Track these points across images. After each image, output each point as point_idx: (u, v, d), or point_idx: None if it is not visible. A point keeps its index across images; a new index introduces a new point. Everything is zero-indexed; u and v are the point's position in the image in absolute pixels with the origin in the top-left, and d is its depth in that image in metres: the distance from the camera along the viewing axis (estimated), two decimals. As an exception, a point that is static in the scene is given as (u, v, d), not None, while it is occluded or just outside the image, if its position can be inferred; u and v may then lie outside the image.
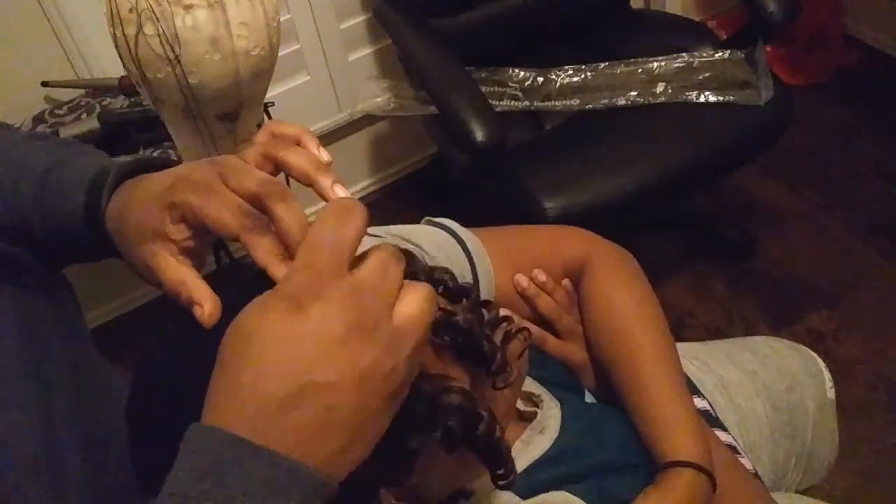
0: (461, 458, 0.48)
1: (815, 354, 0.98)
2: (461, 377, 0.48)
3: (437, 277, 0.52)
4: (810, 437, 0.92)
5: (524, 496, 0.59)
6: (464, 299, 0.51)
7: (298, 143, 0.53)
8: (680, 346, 0.93)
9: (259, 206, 0.46)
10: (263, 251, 0.45)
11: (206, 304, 0.46)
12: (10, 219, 0.55)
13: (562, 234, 0.84)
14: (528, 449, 0.63)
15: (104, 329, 1.85)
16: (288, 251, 0.45)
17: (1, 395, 0.52)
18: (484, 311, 0.52)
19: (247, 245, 0.45)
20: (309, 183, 0.49)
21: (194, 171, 0.48)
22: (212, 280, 0.51)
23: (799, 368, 0.95)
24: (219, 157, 0.50)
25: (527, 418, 0.67)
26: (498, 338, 0.51)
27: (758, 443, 0.89)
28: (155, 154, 1.37)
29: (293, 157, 0.49)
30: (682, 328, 1.72)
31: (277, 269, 0.44)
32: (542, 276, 0.78)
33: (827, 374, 0.96)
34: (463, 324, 0.47)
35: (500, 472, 0.49)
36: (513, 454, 0.62)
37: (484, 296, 0.75)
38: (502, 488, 0.50)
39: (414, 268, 0.51)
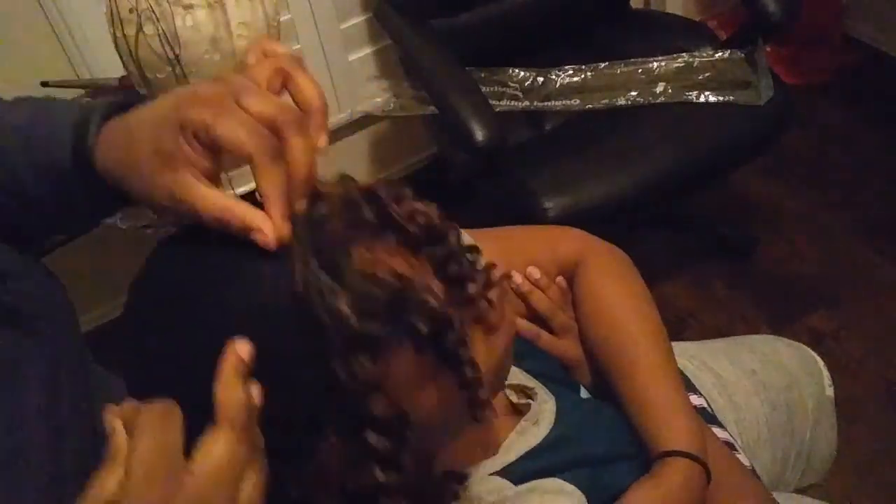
0: (444, 394, 0.48)
1: (813, 353, 0.98)
2: (438, 290, 0.48)
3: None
4: (809, 435, 0.93)
5: (518, 483, 0.60)
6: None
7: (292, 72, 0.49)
8: (678, 345, 0.94)
9: (273, 131, 0.44)
10: (272, 182, 0.43)
11: (267, 227, 0.43)
12: (5, 186, 0.52)
13: (556, 233, 0.85)
14: (523, 439, 0.64)
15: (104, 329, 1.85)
16: (290, 186, 0.44)
17: None
18: (470, 255, 0.53)
19: (257, 168, 0.43)
20: (307, 111, 0.47)
21: (200, 87, 0.45)
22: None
23: (798, 367, 0.95)
24: (226, 76, 0.47)
25: (521, 411, 0.67)
26: (481, 279, 0.52)
27: (756, 441, 0.89)
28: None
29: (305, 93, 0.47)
30: (682, 328, 1.72)
31: (276, 208, 0.43)
32: (536, 274, 0.79)
33: (826, 373, 0.96)
34: (440, 228, 0.48)
35: (471, 395, 0.49)
36: (508, 444, 0.63)
37: None
38: (476, 420, 0.50)
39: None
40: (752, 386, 0.91)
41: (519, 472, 0.61)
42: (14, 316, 0.51)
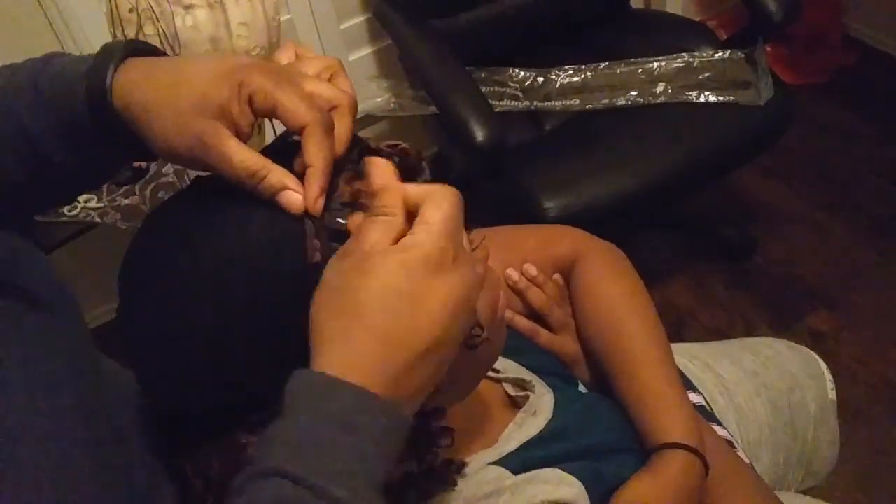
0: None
1: (816, 356, 0.98)
2: None
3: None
4: (811, 437, 0.93)
5: (517, 473, 0.60)
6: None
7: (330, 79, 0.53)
8: (680, 346, 0.94)
9: (329, 110, 0.48)
10: (321, 154, 0.46)
11: (300, 190, 0.45)
12: (9, 143, 0.50)
13: (553, 232, 0.86)
14: (521, 429, 0.64)
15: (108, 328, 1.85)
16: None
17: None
18: None
19: (310, 138, 0.45)
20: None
21: (266, 61, 0.48)
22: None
23: (800, 369, 0.95)
24: (284, 65, 0.51)
25: (519, 404, 0.67)
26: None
27: (758, 443, 0.89)
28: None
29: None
30: (682, 328, 1.72)
31: (317, 179, 0.45)
32: (532, 271, 0.80)
33: (828, 376, 0.96)
34: (415, 158, 0.53)
35: None
36: (507, 435, 0.63)
37: None
38: (470, 347, 0.50)
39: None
40: (753, 387, 0.91)
41: (517, 462, 0.61)
42: (28, 295, 0.51)
